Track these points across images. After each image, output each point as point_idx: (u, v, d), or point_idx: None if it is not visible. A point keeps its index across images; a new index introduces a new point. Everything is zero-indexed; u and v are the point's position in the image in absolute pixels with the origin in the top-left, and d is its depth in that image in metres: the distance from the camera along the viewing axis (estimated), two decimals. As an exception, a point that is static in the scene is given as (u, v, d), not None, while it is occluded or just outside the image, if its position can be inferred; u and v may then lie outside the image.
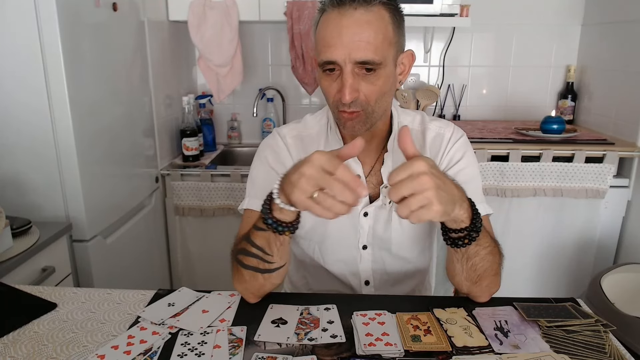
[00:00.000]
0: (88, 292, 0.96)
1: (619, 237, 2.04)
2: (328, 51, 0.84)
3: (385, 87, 0.88)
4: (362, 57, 0.83)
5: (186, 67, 2.40)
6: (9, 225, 1.23)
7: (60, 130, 1.41)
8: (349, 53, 0.83)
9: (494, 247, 0.87)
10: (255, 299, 0.91)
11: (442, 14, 2.08)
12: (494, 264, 0.88)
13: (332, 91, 0.88)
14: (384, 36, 0.85)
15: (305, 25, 2.13)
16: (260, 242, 0.84)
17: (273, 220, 0.78)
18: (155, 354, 0.77)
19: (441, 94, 2.45)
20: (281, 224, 0.79)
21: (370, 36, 0.83)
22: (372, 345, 0.78)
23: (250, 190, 1.01)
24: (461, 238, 0.80)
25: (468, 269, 0.86)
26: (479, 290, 0.90)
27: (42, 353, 0.78)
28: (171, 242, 2.20)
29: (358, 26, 0.82)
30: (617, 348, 0.79)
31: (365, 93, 0.86)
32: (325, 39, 0.85)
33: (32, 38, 1.34)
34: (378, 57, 0.84)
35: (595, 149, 1.93)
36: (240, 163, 2.44)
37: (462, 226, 0.79)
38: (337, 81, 0.86)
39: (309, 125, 1.05)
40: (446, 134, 1.02)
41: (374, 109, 0.89)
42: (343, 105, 0.87)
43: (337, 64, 0.85)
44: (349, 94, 0.84)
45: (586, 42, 2.36)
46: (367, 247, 1.04)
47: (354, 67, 0.84)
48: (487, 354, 0.78)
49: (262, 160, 1.02)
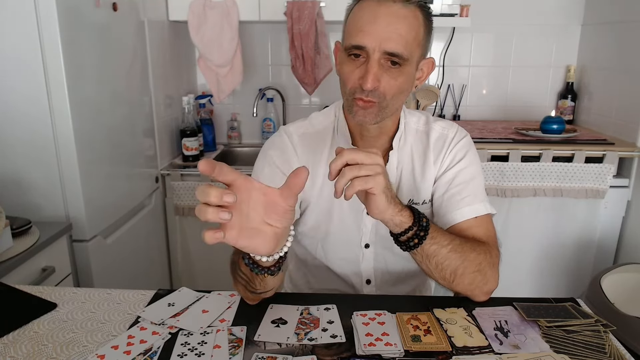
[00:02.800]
0: (88, 292, 0.96)
1: (619, 237, 2.04)
2: (359, 35, 0.85)
3: (404, 85, 0.89)
4: (393, 48, 0.83)
5: (186, 67, 2.40)
6: (9, 225, 1.23)
7: (60, 130, 1.41)
8: (380, 42, 0.83)
9: (461, 245, 0.87)
10: (253, 303, 0.91)
11: (442, 14, 2.08)
12: (469, 261, 0.87)
13: (354, 77, 0.87)
14: (415, 34, 0.86)
15: (305, 26, 2.13)
16: (244, 271, 0.83)
17: (250, 262, 0.76)
18: (155, 354, 0.77)
19: (441, 94, 2.45)
20: (258, 267, 0.76)
21: (404, 30, 0.84)
22: (372, 345, 0.78)
23: None
24: (410, 239, 0.82)
25: (434, 269, 0.87)
26: (465, 289, 0.90)
27: (42, 353, 0.78)
28: (171, 242, 2.20)
29: (394, 18, 0.84)
30: (617, 348, 0.79)
31: (385, 86, 0.86)
32: (358, 24, 0.85)
33: (32, 38, 1.34)
34: (407, 52, 0.85)
35: (595, 149, 1.93)
36: (241, 163, 2.44)
37: (405, 227, 0.81)
38: (361, 68, 0.86)
39: (316, 122, 1.04)
40: (449, 134, 1.02)
41: (388, 104, 0.89)
42: (361, 92, 0.86)
43: (365, 50, 0.85)
44: (371, 82, 0.84)
45: (586, 42, 2.36)
46: (369, 245, 1.04)
47: (381, 57, 0.84)
48: (487, 354, 0.78)
49: (268, 159, 1.01)
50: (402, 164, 1.02)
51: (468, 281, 0.88)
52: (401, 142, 1.01)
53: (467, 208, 0.94)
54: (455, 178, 0.98)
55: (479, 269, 0.88)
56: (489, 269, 0.90)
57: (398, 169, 1.01)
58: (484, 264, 0.89)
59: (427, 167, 1.00)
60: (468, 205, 0.95)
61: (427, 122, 1.04)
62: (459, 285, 0.89)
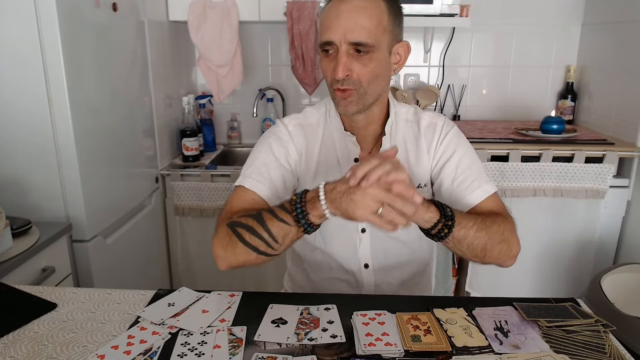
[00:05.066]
0: (88, 292, 0.97)
1: (619, 237, 2.04)
2: (327, 32, 0.93)
3: (377, 71, 0.95)
4: (356, 38, 0.91)
5: (186, 67, 2.40)
6: (9, 225, 1.23)
7: (60, 130, 1.41)
8: (344, 34, 0.91)
9: (483, 222, 0.93)
10: (227, 268, 0.93)
11: (442, 14, 2.08)
12: (494, 234, 0.93)
13: (329, 70, 0.96)
14: (378, 22, 0.93)
15: (305, 25, 2.13)
16: (276, 232, 0.87)
17: (307, 223, 0.86)
18: (155, 354, 0.77)
19: (441, 94, 2.45)
20: (312, 225, 0.86)
21: (365, 20, 0.91)
22: (372, 345, 0.79)
23: (246, 170, 1.05)
24: (440, 230, 0.89)
25: (467, 251, 0.93)
26: (495, 260, 0.96)
27: (42, 353, 0.78)
28: (171, 242, 2.20)
29: (355, 11, 0.91)
30: (617, 348, 0.79)
31: (358, 73, 0.93)
32: (326, 23, 0.94)
33: (32, 38, 1.34)
34: (371, 40, 0.92)
35: (595, 149, 1.93)
36: (241, 163, 2.43)
37: (434, 221, 0.87)
38: (334, 61, 0.94)
39: (309, 115, 1.11)
40: (438, 122, 1.08)
41: (367, 91, 0.96)
42: (337, 82, 0.94)
43: (334, 45, 0.93)
44: (342, 71, 0.92)
45: (586, 42, 2.36)
46: (365, 230, 1.07)
47: (348, 47, 0.92)
48: (487, 354, 0.78)
49: (266, 146, 1.07)
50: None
51: (497, 252, 0.95)
52: (393, 129, 1.06)
53: (478, 191, 1.01)
54: (458, 167, 1.03)
55: (503, 239, 0.95)
56: (512, 236, 0.96)
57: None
58: (506, 233, 0.95)
59: (421, 152, 1.06)
60: (478, 188, 1.01)
61: (415, 112, 1.11)
62: (490, 258, 0.95)
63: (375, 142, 1.06)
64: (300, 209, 0.85)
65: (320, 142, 1.08)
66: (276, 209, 0.88)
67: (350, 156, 1.06)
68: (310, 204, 0.85)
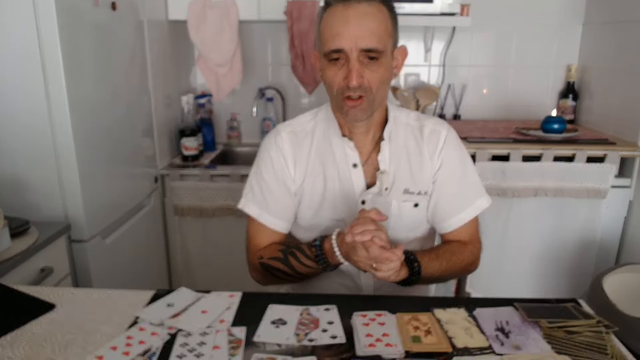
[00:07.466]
0: (87, 292, 0.96)
1: (621, 238, 2.03)
2: (336, 39, 0.91)
3: (385, 76, 0.96)
4: (368, 45, 0.91)
5: (185, 66, 2.39)
6: (7, 225, 1.23)
7: (59, 130, 1.41)
8: (355, 41, 0.90)
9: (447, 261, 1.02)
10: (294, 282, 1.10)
11: (442, 14, 2.08)
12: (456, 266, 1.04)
13: (338, 79, 0.94)
14: (385, 27, 0.93)
15: (305, 25, 2.12)
16: (303, 272, 1.03)
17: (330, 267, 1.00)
18: (154, 355, 0.77)
19: (441, 94, 2.45)
20: (331, 266, 0.99)
21: (374, 26, 0.91)
22: (372, 346, 0.78)
23: (249, 193, 1.09)
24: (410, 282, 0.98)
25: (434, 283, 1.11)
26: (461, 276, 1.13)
27: (40, 354, 0.77)
28: (170, 242, 2.19)
29: (363, 17, 0.91)
30: (619, 349, 0.79)
31: (370, 80, 0.93)
32: (332, 29, 0.92)
33: (30, 37, 1.33)
34: (381, 45, 0.92)
35: (597, 149, 1.92)
36: (240, 163, 2.43)
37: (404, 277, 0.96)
38: (343, 69, 0.93)
39: (302, 121, 1.12)
40: (442, 131, 1.08)
41: (375, 97, 0.96)
42: (349, 91, 0.93)
43: (343, 52, 0.92)
44: (356, 79, 0.91)
45: (587, 41, 2.36)
46: None
47: (359, 54, 0.91)
48: (488, 354, 0.77)
49: (269, 168, 1.08)
50: (397, 154, 1.06)
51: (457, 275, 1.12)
52: (393, 134, 1.06)
53: (454, 219, 1.07)
54: (448, 188, 1.07)
55: (463, 266, 1.07)
56: (472, 262, 1.08)
57: (392, 159, 1.05)
58: (466, 261, 1.06)
59: (424, 159, 1.06)
60: (456, 215, 1.07)
61: (417, 118, 1.10)
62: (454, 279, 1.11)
63: (374, 147, 1.06)
64: (322, 260, 0.99)
65: (316, 148, 1.08)
66: (301, 256, 1.01)
67: (349, 162, 1.05)
68: (329, 255, 0.97)
